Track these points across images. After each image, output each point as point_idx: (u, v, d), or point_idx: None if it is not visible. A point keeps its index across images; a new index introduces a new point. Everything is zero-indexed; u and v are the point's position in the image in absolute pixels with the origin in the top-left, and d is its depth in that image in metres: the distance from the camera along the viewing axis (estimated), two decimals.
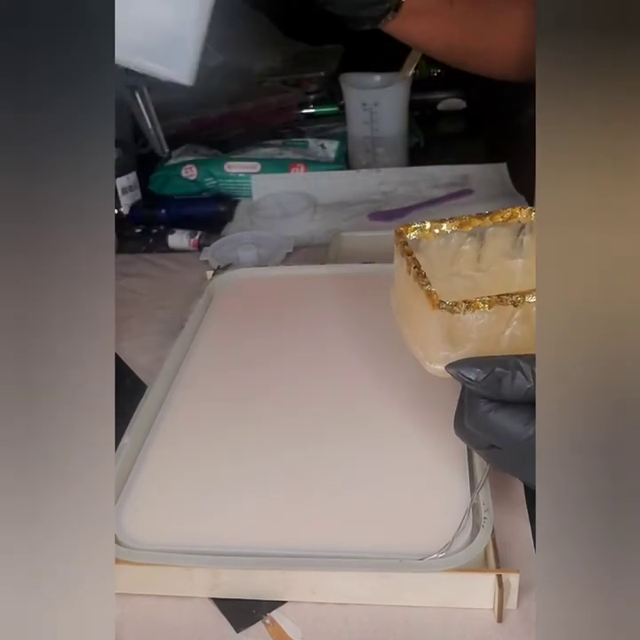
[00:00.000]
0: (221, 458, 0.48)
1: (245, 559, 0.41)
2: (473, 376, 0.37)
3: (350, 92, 0.89)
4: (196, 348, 0.59)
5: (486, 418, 0.37)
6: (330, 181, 0.65)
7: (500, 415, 0.37)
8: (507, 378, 0.36)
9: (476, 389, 0.37)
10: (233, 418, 0.51)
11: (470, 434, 0.39)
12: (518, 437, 0.36)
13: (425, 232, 0.44)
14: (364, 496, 0.44)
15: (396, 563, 0.40)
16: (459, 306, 0.37)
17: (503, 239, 0.45)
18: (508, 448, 0.38)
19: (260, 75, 1.14)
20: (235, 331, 0.61)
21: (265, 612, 0.41)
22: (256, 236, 0.78)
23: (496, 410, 0.37)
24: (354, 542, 0.41)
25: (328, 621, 0.40)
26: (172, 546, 0.42)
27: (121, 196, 0.86)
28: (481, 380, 0.36)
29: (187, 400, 0.53)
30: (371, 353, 0.55)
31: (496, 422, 0.37)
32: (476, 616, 0.40)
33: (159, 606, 0.42)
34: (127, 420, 0.50)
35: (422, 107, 1.05)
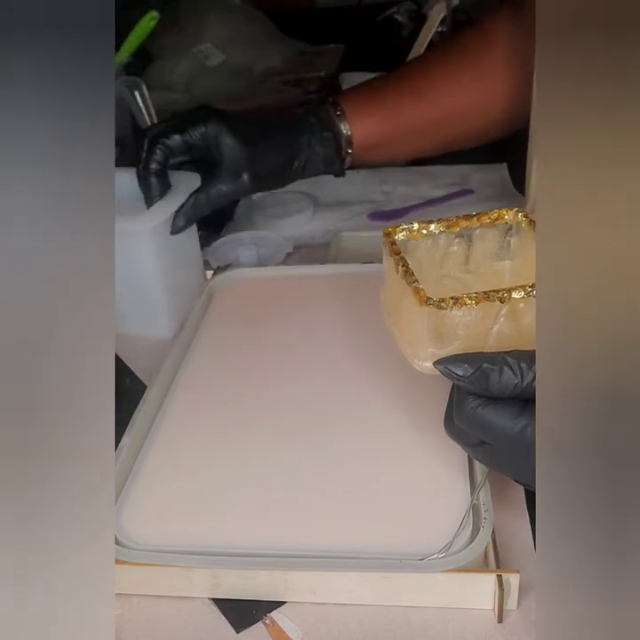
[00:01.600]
0: (221, 458, 0.48)
1: (245, 559, 0.41)
2: (461, 372, 0.37)
3: None
4: (196, 348, 0.59)
5: (475, 413, 0.37)
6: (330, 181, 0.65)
7: (488, 410, 0.37)
8: (494, 373, 0.36)
9: (464, 385, 0.37)
10: (233, 418, 0.51)
11: (460, 431, 0.39)
12: (508, 432, 0.36)
13: (413, 233, 0.44)
14: (363, 496, 0.44)
15: (397, 563, 0.40)
16: (446, 302, 0.38)
17: (491, 241, 0.45)
18: (498, 444, 0.38)
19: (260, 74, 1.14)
20: (234, 331, 0.61)
21: (265, 613, 0.41)
22: (256, 236, 0.78)
23: (484, 405, 0.37)
24: (354, 542, 0.41)
25: (328, 622, 0.40)
26: (172, 546, 0.42)
27: None
28: (469, 375, 0.36)
29: (186, 400, 0.53)
30: (371, 354, 0.55)
31: (485, 417, 0.37)
32: (476, 616, 0.40)
33: (159, 606, 0.42)
34: (127, 420, 0.50)
35: None
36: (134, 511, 0.45)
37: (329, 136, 0.66)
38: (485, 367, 0.36)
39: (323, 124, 0.66)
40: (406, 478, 0.45)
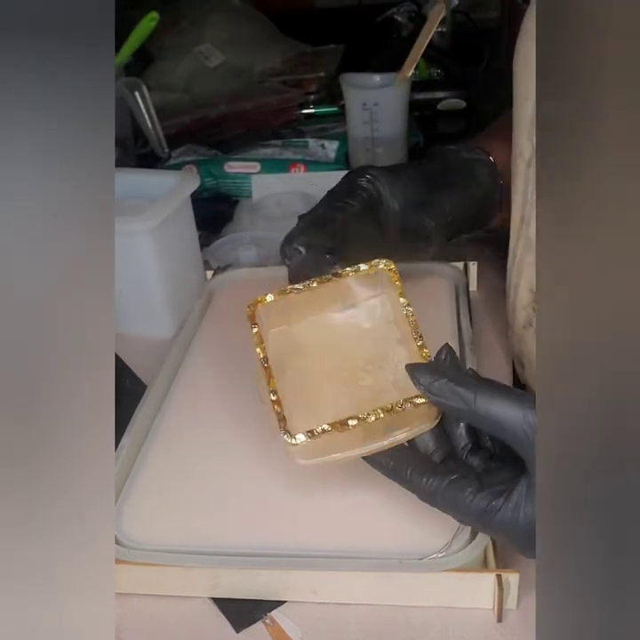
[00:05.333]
0: (221, 458, 0.48)
1: (245, 559, 0.41)
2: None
3: (350, 92, 0.89)
4: (196, 347, 0.59)
5: (435, 496, 0.37)
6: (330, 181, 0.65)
7: (449, 489, 0.36)
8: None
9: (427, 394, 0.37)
10: (233, 418, 0.51)
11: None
12: (472, 510, 0.36)
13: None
14: (363, 496, 0.44)
15: (396, 563, 0.40)
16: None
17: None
18: (468, 524, 0.38)
19: (260, 75, 1.14)
20: (234, 331, 0.60)
21: (265, 612, 0.41)
22: (256, 236, 0.78)
23: (445, 485, 0.36)
24: (354, 542, 0.41)
25: (328, 621, 0.40)
26: (172, 546, 0.42)
27: None
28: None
29: (186, 400, 0.53)
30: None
31: (447, 497, 0.36)
32: (476, 616, 0.40)
33: (159, 606, 0.42)
34: (127, 420, 0.50)
35: (422, 107, 1.04)
36: (134, 511, 0.45)
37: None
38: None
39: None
40: None
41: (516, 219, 0.51)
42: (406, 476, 0.38)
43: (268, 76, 1.13)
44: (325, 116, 1.05)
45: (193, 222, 0.68)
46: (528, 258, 0.50)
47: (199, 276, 0.69)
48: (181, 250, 0.65)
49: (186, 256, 0.67)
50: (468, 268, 0.66)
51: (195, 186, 0.64)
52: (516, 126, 0.49)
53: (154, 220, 0.59)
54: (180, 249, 0.65)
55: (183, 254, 0.66)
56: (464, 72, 1.13)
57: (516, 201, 0.50)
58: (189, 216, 0.67)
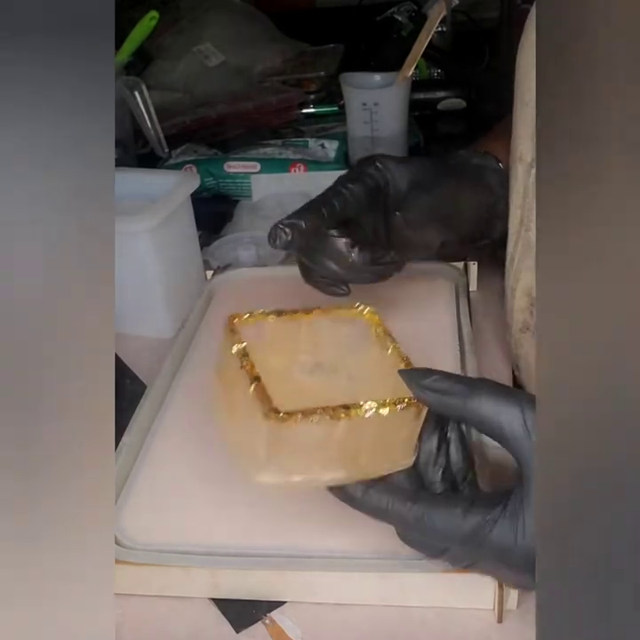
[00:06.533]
0: (221, 458, 0.48)
1: (245, 559, 0.41)
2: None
3: (350, 92, 0.89)
4: (196, 348, 0.59)
5: (420, 521, 0.35)
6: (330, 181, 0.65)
7: (432, 514, 0.35)
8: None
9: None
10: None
11: (417, 541, 0.37)
12: (457, 533, 0.34)
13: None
14: None
15: (396, 563, 0.40)
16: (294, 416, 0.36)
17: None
18: (453, 548, 0.36)
19: (259, 75, 1.14)
20: None
21: (265, 612, 0.41)
22: (256, 236, 0.78)
23: (428, 509, 0.35)
24: (354, 543, 0.41)
25: (328, 622, 0.40)
26: (172, 546, 0.42)
27: None
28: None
29: (186, 400, 0.53)
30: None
31: (431, 522, 0.35)
32: (476, 616, 0.40)
33: (159, 606, 0.42)
34: (127, 420, 0.50)
35: (422, 107, 1.04)
36: (134, 511, 0.45)
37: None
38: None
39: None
40: None
41: (515, 222, 0.51)
42: (387, 506, 0.36)
43: (268, 76, 1.13)
44: (325, 115, 1.05)
45: (193, 222, 0.68)
46: (526, 261, 0.49)
47: (199, 276, 0.69)
48: (181, 250, 0.65)
49: (186, 256, 0.67)
50: (468, 269, 0.66)
51: (195, 186, 0.64)
52: (515, 130, 0.49)
53: (154, 220, 0.59)
54: (179, 249, 0.65)
55: (183, 254, 0.66)
56: (464, 72, 1.13)
57: (515, 204, 0.50)
58: (189, 216, 0.67)
